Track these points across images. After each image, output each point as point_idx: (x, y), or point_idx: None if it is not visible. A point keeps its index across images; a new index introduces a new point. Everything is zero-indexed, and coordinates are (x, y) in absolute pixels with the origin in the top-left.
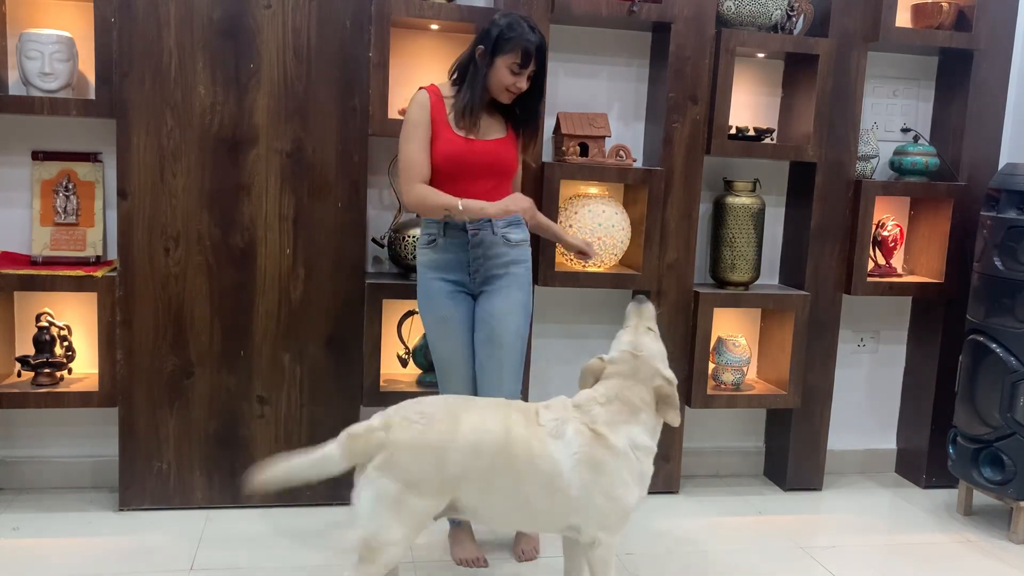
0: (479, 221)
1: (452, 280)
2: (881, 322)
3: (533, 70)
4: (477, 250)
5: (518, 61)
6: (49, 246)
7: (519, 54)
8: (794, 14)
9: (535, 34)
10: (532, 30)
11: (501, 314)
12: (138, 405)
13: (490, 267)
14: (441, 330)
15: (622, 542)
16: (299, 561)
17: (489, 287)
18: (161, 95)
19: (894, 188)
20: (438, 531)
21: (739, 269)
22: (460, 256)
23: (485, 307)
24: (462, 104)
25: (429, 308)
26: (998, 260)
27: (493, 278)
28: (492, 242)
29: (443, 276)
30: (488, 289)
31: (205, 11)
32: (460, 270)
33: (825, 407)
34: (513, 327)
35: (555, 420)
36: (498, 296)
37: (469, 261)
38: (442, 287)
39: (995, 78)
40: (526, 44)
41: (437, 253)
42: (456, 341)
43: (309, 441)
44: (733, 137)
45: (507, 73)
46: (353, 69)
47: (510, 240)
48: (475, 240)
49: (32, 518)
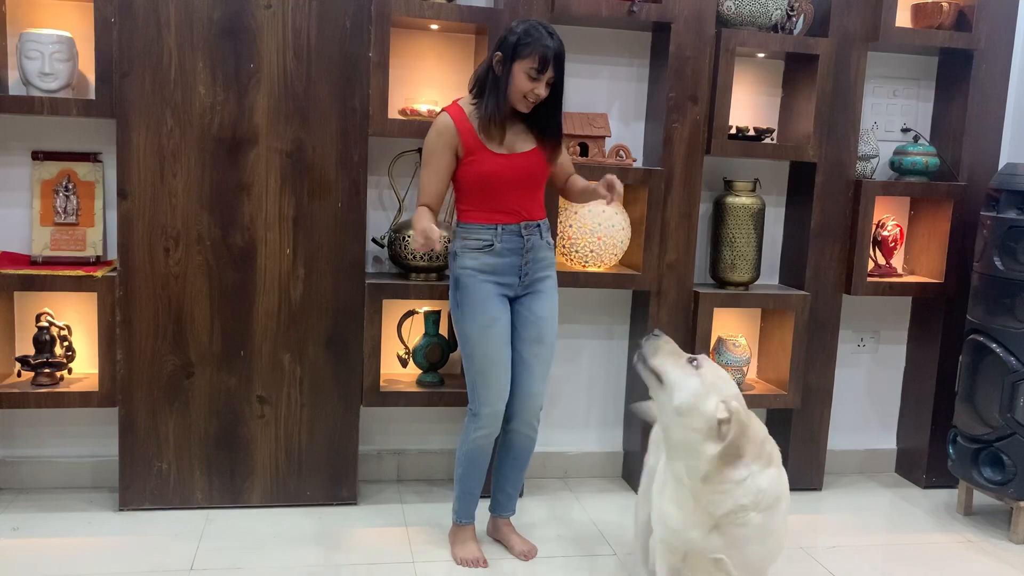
0: (531, 226)
1: (503, 283)
2: (881, 322)
3: (551, 76)
4: (529, 254)
5: (535, 66)
6: (49, 246)
7: (536, 59)
8: (794, 14)
9: (553, 39)
10: (550, 35)
11: (549, 316)
12: (138, 405)
13: (536, 270)
14: (488, 332)
15: (622, 542)
16: (299, 561)
17: (533, 290)
18: (161, 95)
19: (894, 188)
20: (438, 531)
21: (739, 269)
22: (515, 260)
23: (533, 309)
24: (486, 115)
25: (478, 310)
26: (998, 260)
27: (537, 281)
28: (539, 246)
29: (495, 279)
30: (533, 291)
31: (205, 11)
32: (512, 274)
33: (825, 407)
34: (554, 329)
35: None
36: (543, 298)
37: (521, 265)
38: (492, 290)
39: (995, 78)
40: (544, 49)
41: (493, 257)
42: (502, 343)
43: (309, 441)
44: (733, 137)
45: (525, 79)
46: (353, 69)
47: (550, 243)
48: (528, 244)
49: (32, 518)
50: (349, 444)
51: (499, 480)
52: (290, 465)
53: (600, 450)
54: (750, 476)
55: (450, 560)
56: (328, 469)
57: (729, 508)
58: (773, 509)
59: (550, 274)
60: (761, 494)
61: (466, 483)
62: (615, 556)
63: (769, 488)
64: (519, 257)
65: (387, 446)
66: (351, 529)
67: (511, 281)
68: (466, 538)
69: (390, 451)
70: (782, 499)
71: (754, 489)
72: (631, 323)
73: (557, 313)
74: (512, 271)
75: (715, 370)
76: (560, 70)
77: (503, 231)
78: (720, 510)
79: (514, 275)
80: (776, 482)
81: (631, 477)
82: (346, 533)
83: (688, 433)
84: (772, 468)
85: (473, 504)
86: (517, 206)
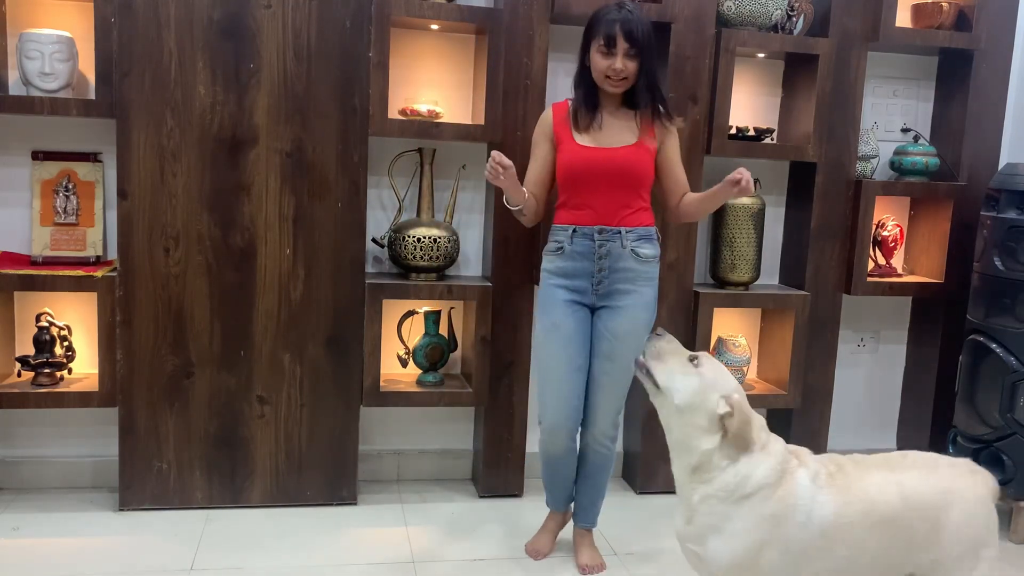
0: (608, 232)
1: (573, 288)
2: (881, 322)
3: (628, 48)
4: (603, 261)
5: (603, 42)
6: (49, 246)
7: (602, 35)
8: (794, 14)
9: (620, 12)
10: (618, 8)
11: (624, 334)
12: (138, 405)
13: (615, 280)
14: (550, 336)
15: (622, 542)
16: (299, 561)
17: (612, 302)
18: (161, 95)
19: (894, 188)
20: (438, 531)
21: (739, 269)
22: (586, 265)
23: (608, 323)
24: (576, 104)
25: (544, 312)
26: (998, 260)
27: (617, 293)
28: (619, 255)
29: (565, 284)
30: (611, 305)
31: (205, 11)
32: (584, 279)
33: (825, 407)
34: (633, 348)
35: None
36: (621, 314)
37: (594, 272)
38: (560, 294)
39: (995, 78)
40: (607, 24)
41: (564, 260)
42: (561, 350)
43: (309, 441)
44: (733, 137)
45: (600, 58)
46: (353, 69)
47: (640, 255)
48: (602, 251)
49: (32, 518)
50: (349, 444)
51: (577, 489)
52: (290, 465)
53: None
54: (730, 464)
55: (449, 560)
56: (328, 469)
57: (703, 494)
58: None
59: (635, 288)
60: (740, 478)
61: (546, 479)
62: (615, 556)
63: (750, 474)
64: (591, 263)
65: (387, 446)
66: (351, 529)
67: (583, 287)
68: (543, 525)
69: (390, 451)
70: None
71: (732, 472)
72: None
73: (643, 334)
74: (584, 276)
75: (715, 367)
76: (636, 41)
77: (576, 233)
78: (696, 496)
79: (586, 281)
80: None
81: (631, 477)
82: (346, 533)
83: (689, 430)
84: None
85: (556, 493)
86: (598, 206)
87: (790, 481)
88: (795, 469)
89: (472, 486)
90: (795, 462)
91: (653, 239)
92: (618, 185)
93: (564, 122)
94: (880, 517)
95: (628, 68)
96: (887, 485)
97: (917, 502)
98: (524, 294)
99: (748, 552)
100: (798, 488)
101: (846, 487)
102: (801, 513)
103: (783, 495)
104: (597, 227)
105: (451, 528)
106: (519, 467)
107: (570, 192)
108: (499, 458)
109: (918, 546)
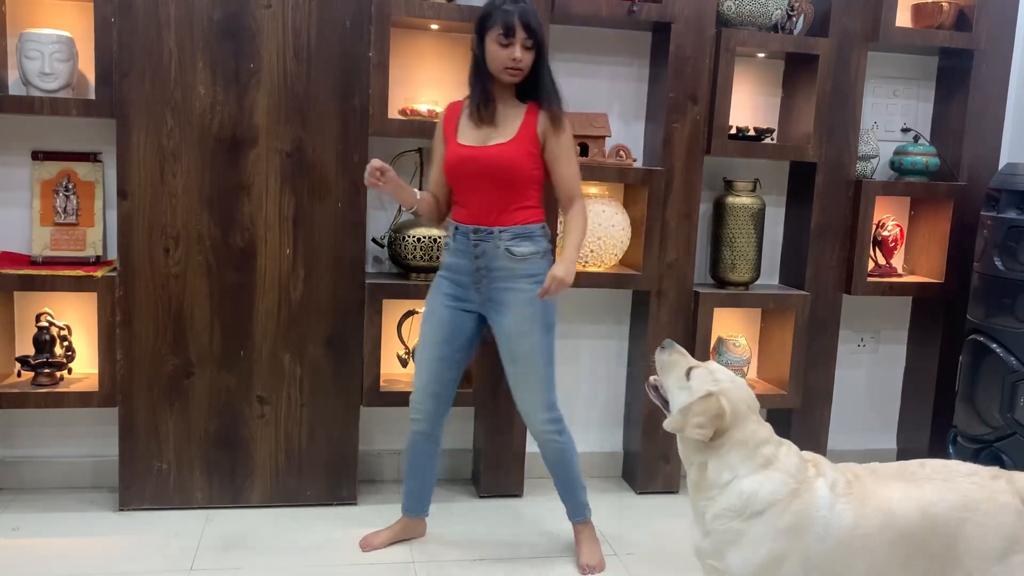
0: (482, 232)
1: (457, 283)
2: (881, 322)
3: (526, 39)
4: (480, 260)
5: (502, 32)
6: (49, 246)
7: (500, 25)
8: (794, 14)
9: (516, 4)
10: (514, 1)
11: (515, 334)
12: (138, 405)
13: (494, 279)
14: (424, 323)
15: (622, 542)
16: (299, 561)
17: (496, 303)
18: (161, 95)
19: (894, 188)
20: (438, 531)
21: (739, 269)
22: (465, 263)
23: (499, 324)
24: (474, 101)
25: (427, 299)
26: (998, 260)
27: (498, 292)
28: (494, 254)
29: (450, 277)
30: (496, 305)
31: (205, 11)
32: (466, 276)
33: (825, 407)
34: (530, 342)
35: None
36: (507, 313)
37: (473, 271)
38: (444, 286)
39: (995, 78)
40: (504, 14)
41: (450, 256)
42: (429, 337)
43: (309, 441)
44: (733, 137)
45: (498, 49)
46: (353, 69)
47: (514, 253)
48: (477, 250)
49: (32, 518)
50: (349, 444)
51: (556, 488)
52: (290, 465)
53: (600, 450)
54: (735, 479)
55: (448, 561)
56: (328, 469)
57: (714, 513)
58: (761, 515)
59: (515, 287)
60: (746, 498)
61: (405, 475)
62: (615, 556)
63: (757, 492)
64: (469, 262)
65: (387, 446)
66: (351, 529)
67: (466, 283)
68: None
69: (390, 451)
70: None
71: (736, 492)
72: (631, 323)
73: (535, 327)
74: (466, 273)
75: (702, 377)
76: (533, 32)
77: (458, 231)
78: (708, 514)
79: (468, 278)
80: (765, 486)
81: (631, 477)
82: (346, 533)
83: (683, 445)
84: (765, 472)
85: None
86: (473, 205)
87: (808, 491)
88: (813, 479)
89: (472, 486)
90: (813, 471)
91: (534, 236)
92: (494, 185)
93: (452, 121)
94: (899, 532)
95: (526, 59)
96: (906, 501)
97: (934, 518)
98: None
99: (768, 565)
100: (817, 499)
101: (864, 498)
102: (820, 524)
103: (801, 506)
104: (472, 226)
105: (451, 528)
106: (519, 467)
107: (454, 191)
108: (499, 458)
109: (938, 562)
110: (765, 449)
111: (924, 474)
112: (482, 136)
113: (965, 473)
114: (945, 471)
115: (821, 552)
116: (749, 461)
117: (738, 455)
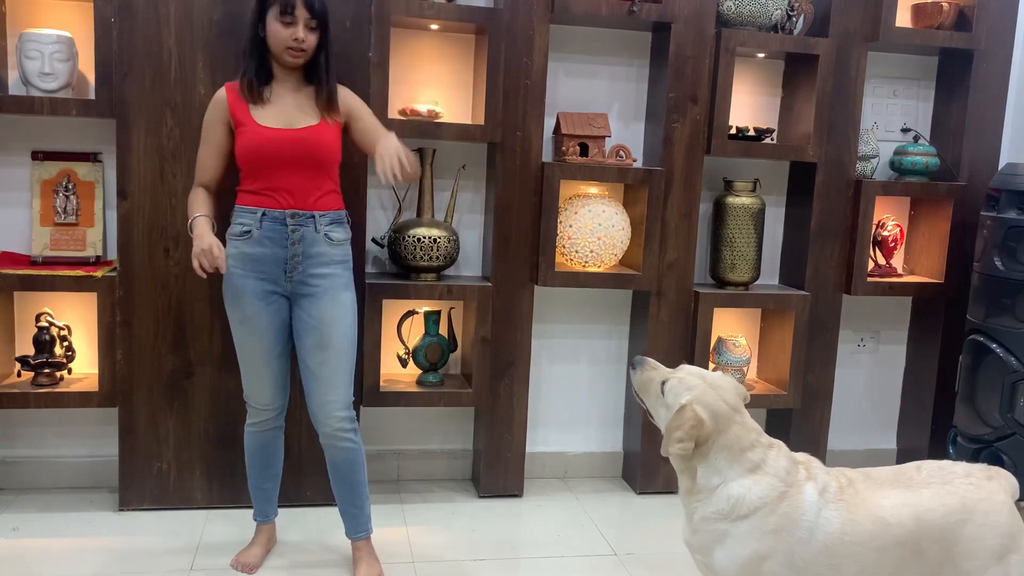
0: (301, 216)
1: (264, 277)
2: (881, 322)
3: (308, 18)
4: (297, 247)
5: (280, 10)
6: (49, 246)
7: (280, 2)
8: (794, 14)
9: None
10: None
11: (332, 319)
12: (138, 405)
13: (309, 265)
14: (245, 331)
15: (622, 542)
16: (299, 561)
17: (310, 289)
18: (161, 95)
19: (894, 188)
20: (439, 531)
21: (739, 269)
22: (276, 251)
23: (311, 311)
24: (247, 75)
25: (233, 305)
26: (998, 260)
27: (313, 278)
28: (313, 239)
29: (254, 273)
30: (310, 292)
31: (205, 11)
32: (275, 265)
33: (825, 407)
34: (344, 330)
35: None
36: (324, 299)
37: (287, 259)
38: (250, 285)
39: (995, 78)
40: None
41: (251, 246)
42: (258, 342)
43: (309, 441)
44: (733, 137)
45: (280, 28)
46: (353, 69)
47: (332, 239)
48: (295, 236)
49: (32, 518)
50: None
51: (336, 497)
52: (290, 465)
53: (600, 450)
54: (723, 484)
55: (449, 560)
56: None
57: (702, 515)
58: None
59: (331, 272)
60: (733, 502)
61: (251, 480)
62: (615, 556)
63: (744, 496)
64: (283, 249)
65: (387, 446)
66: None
67: (274, 274)
68: (253, 539)
69: (390, 451)
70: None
71: (724, 496)
72: (631, 323)
73: (351, 314)
74: (275, 263)
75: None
76: (315, 12)
77: (265, 217)
78: (696, 515)
79: (278, 268)
80: (753, 490)
81: (631, 477)
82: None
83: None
84: (753, 476)
85: (261, 498)
86: (288, 190)
87: (796, 494)
88: (803, 482)
89: (472, 486)
90: (803, 474)
91: (344, 223)
92: (307, 167)
93: (241, 102)
94: (892, 540)
95: (309, 40)
96: (901, 507)
97: (931, 524)
98: (524, 294)
99: (752, 563)
100: (803, 502)
101: (855, 504)
102: (804, 528)
103: (786, 509)
104: (290, 211)
105: (451, 528)
106: (519, 467)
107: (255, 176)
108: (499, 458)
109: (932, 566)
110: (753, 452)
111: (921, 479)
112: (286, 118)
113: (962, 475)
114: (942, 474)
115: (806, 555)
116: (737, 465)
117: (726, 459)
